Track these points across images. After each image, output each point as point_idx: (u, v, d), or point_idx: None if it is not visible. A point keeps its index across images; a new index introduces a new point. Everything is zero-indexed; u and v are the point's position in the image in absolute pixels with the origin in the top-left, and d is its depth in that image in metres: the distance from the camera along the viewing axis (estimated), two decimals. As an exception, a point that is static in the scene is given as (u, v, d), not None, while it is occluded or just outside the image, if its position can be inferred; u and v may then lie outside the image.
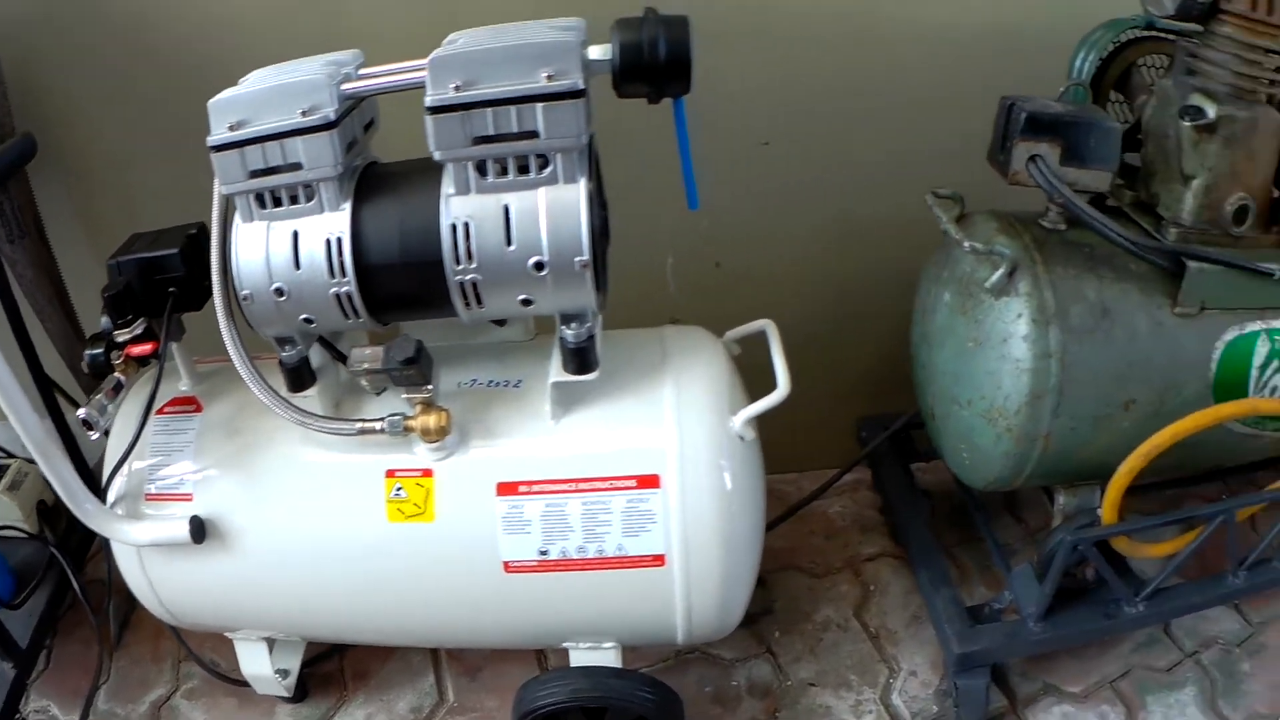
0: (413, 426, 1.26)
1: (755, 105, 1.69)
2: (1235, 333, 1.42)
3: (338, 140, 1.14)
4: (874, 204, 1.79)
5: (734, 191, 1.74)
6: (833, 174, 1.78)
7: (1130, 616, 1.51)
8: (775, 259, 1.85)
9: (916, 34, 1.69)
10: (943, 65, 1.70)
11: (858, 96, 1.71)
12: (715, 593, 1.31)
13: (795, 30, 1.64)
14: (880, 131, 1.74)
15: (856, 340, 1.94)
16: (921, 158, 1.73)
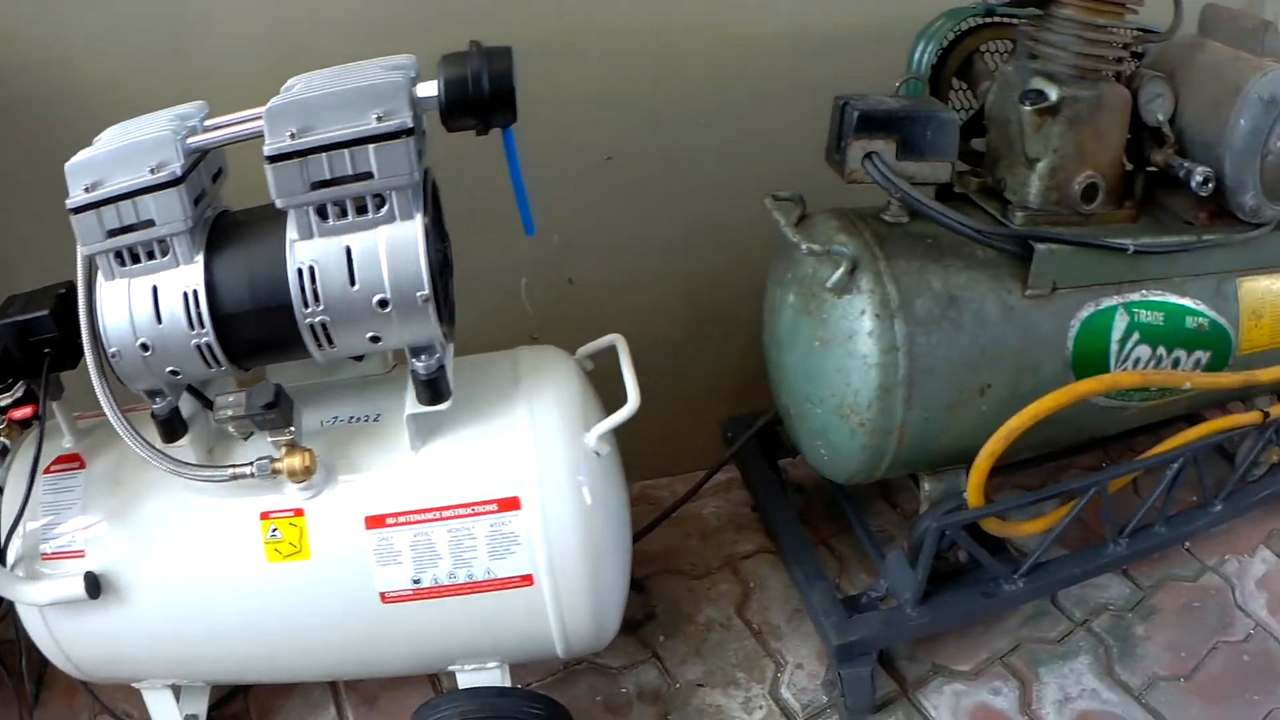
0: (280, 468, 1.31)
1: (597, 121, 1.75)
2: (1091, 309, 1.51)
3: (186, 195, 1.18)
4: (721, 209, 1.85)
5: (581, 208, 1.80)
6: (678, 183, 1.84)
7: (1010, 594, 1.59)
8: (628, 270, 1.90)
9: (754, 38, 1.76)
10: (782, 67, 1.77)
11: (699, 105, 1.78)
12: (586, 606, 1.37)
13: (632, 45, 1.70)
14: (722, 138, 1.81)
15: (716, 342, 2.01)
16: (766, 160, 1.79)
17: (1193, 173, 1.52)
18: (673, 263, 1.92)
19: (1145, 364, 1.59)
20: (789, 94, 1.76)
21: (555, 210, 1.66)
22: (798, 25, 1.78)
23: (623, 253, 1.88)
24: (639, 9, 1.70)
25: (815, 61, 1.78)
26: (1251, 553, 1.94)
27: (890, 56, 1.64)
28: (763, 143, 1.83)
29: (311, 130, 1.16)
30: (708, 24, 1.74)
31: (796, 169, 1.59)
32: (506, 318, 1.74)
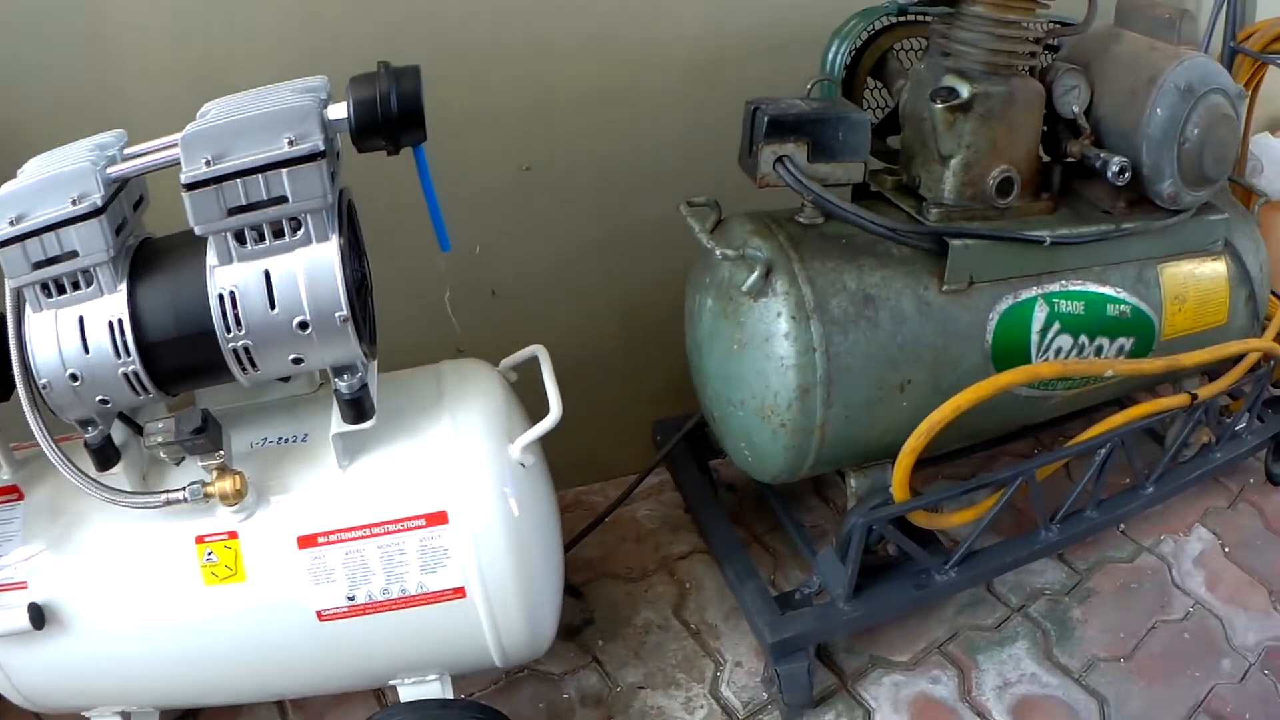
0: (212, 492, 1.32)
1: (514, 132, 1.77)
2: (1010, 302, 1.53)
3: (107, 225, 1.20)
4: (642, 215, 1.86)
5: (502, 218, 1.81)
6: (597, 191, 1.86)
7: (942, 584, 1.61)
8: (551, 279, 1.92)
9: (668, 43, 1.77)
10: (698, 71, 1.78)
11: (614, 112, 1.79)
12: (520, 614, 1.38)
13: (546, 55, 1.71)
14: (639, 144, 1.83)
15: (643, 347, 2.01)
16: (684, 165, 1.82)
17: (1109, 163, 1.55)
18: (596, 270, 1.94)
19: (1067, 353, 1.61)
20: (706, 98, 1.78)
21: (476, 221, 1.69)
22: (711, 29, 1.79)
23: (545, 262, 1.90)
24: (551, 20, 1.71)
25: (731, 65, 1.79)
26: (1187, 531, 1.98)
27: (807, 57, 1.66)
28: (681, 148, 1.84)
29: (226, 156, 1.17)
30: (620, 31, 1.75)
31: (716, 173, 1.60)
32: (432, 331, 1.73)
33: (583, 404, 1.41)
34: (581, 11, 1.73)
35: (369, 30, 1.63)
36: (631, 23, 1.75)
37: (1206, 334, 1.75)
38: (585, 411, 1.40)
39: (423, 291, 1.71)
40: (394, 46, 1.45)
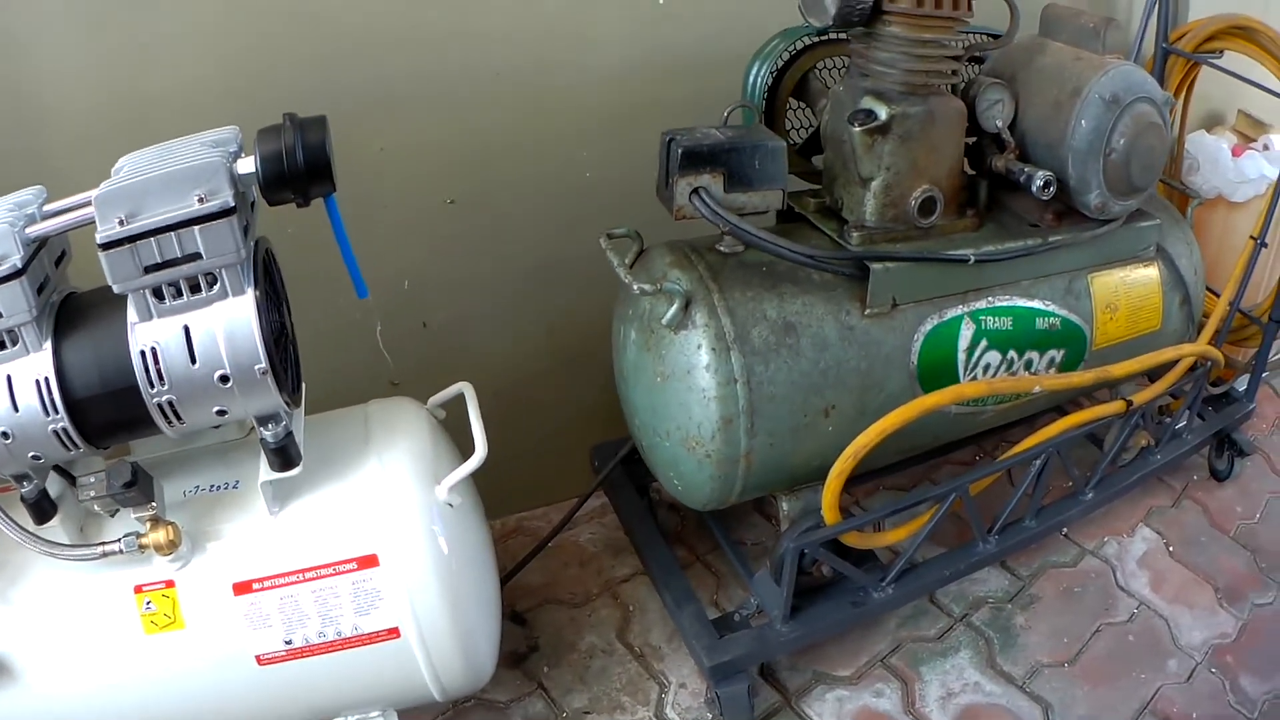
0: (146, 544, 1.32)
1: (436, 165, 1.77)
2: (935, 321, 1.54)
3: (28, 286, 1.20)
4: (568, 244, 1.86)
5: (427, 251, 1.82)
6: (523, 222, 1.86)
7: (880, 601, 1.63)
8: (481, 310, 1.92)
9: (588, 75, 1.77)
10: (617, 100, 1.79)
11: (537, 144, 1.79)
12: (455, 650, 1.39)
13: (468, 86, 1.71)
14: (563, 174, 1.83)
15: (580, 371, 2.01)
16: (607, 194, 1.82)
17: (1033, 177, 1.55)
18: (526, 299, 1.94)
19: (996, 369, 1.62)
20: (631, 126, 1.76)
21: (403, 255, 1.70)
22: (629, 56, 1.80)
23: (474, 293, 1.90)
24: (469, 54, 1.71)
25: (652, 92, 1.80)
26: (1131, 532, 2.00)
27: (727, 79, 1.66)
28: (607, 177, 1.85)
29: (139, 215, 1.18)
30: (541, 62, 1.76)
31: (642, 201, 1.58)
32: (366, 365, 1.74)
33: (521, 430, 1.43)
34: (504, 41, 1.73)
35: (289, 68, 1.62)
36: (555, 52, 1.76)
37: (1140, 340, 1.76)
38: (523, 437, 1.42)
39: (355, 327, 1.71)
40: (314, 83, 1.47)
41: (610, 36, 1.80)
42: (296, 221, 1.36)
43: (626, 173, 1.72)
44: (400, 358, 1.75)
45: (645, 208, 1.59)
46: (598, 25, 1.78)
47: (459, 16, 1.70)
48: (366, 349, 1.73)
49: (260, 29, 1.61)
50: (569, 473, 2.07)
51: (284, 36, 1.63)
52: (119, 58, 1.58)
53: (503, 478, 1.52)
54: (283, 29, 1.62)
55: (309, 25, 1.63)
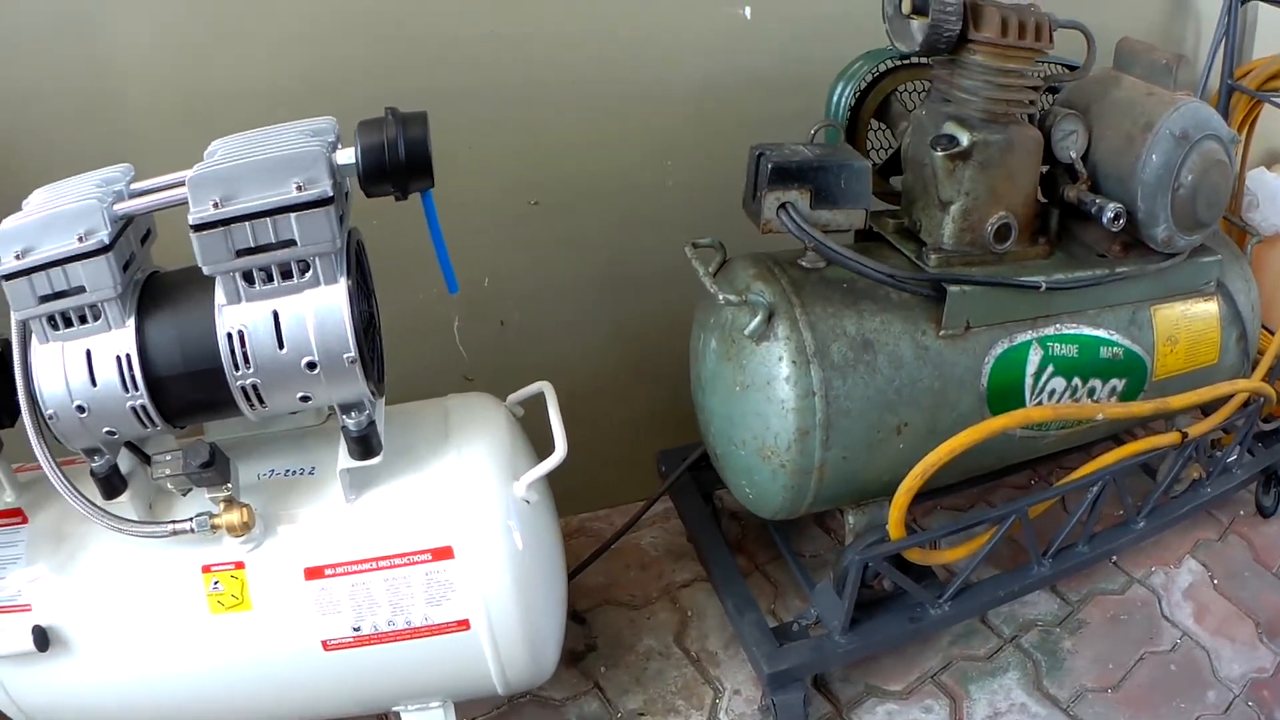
0: (219, 524, 1.34)
1: (522, 167, 1.80)
2: (1005, 345, 1.56)
3: (114, 262, 1.22)
4: (647, 250, 1.90)
5: (510, 251, 1.85)
6: (604, 226, 1.90)
7: (936, 618, 1.65)
8: (557, 311, 1.96)
9: (673, 84, 1.81)
10: (703, 111, 1.82)
11: (622, 150, 1.82)
12: (522, 646, 1.42)
13: (555, 93, 1.75)
14: (645, 181, 1.86)
15: (648, 377, 2.05)
16: (688, 202, 1.86)
17: (1105, 209, 1.56)
18: (602, 302, 1.97)
19: (1061, 395, 1.64)
20: (710, 138, 1.82)
21: (485, 253, 1.71)
22: (716, 69, 1.83)
23: (552, 294, 1.93)
24: (561, 58, 1.75)
25: (733, 105, 1.83)
26: (1178, 564, 2.01)
27: (809, 96, 1.69)
28: (685, 186, 1.88)
29: (234, 199, 1.19)
30: (627, 71, 1.79)
31: (719, 211, 1.64)
32: (440, 359, 1.78)
33: (588, 432, 1.45)
34: (592, 48, 1.76)
35: (374, 68, 1.65)
36: (640, 63, 1.79)
37: (1197, 373, 1.77)
38: (590, 440, 1.44)
39: (432, 321, 1.75)
40: (401, 83, 1.48)
41: (696, 48, 1.82)
42: (380, 214, 1.38)
43: (706, 183, 1.77)
44: (475, 354, 1.78)
45: (722, 218, 1.63)
46: (685, 36, 1.81)
47: (549, 20, 1.73)
48: (441, 344, 1.76)
49: (347, 24, 1.63)
50: (632, 477, 2.10)
51: (369, 33, 1.65)
52: (200, 45, 1.60)
53: (567, 478, 1.52)
54: (368, 25, 1.64)
55: (395, 23, 1.65)
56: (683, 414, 1.82)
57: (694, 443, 1.93)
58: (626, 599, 1.99)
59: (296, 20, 1.62)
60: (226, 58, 1.61)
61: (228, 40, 1.61)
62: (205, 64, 1.61)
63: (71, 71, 1.58)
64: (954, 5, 1.48)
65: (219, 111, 1.59)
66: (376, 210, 1.36)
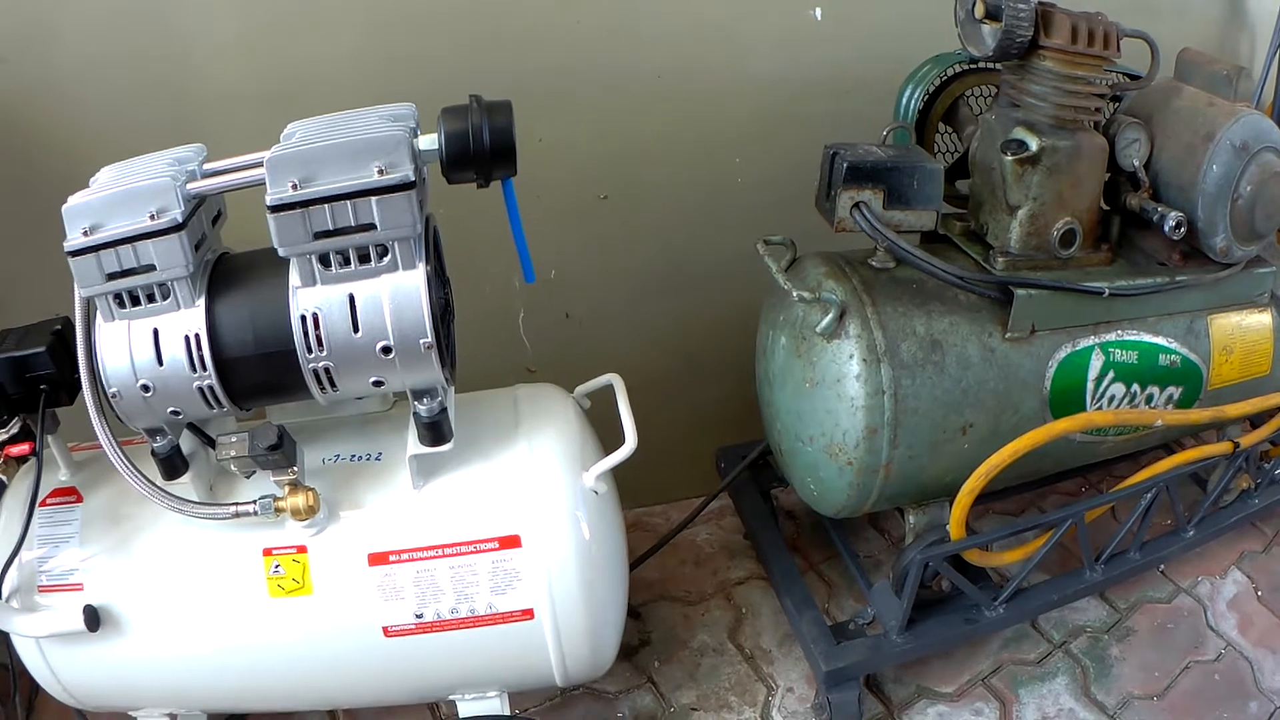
0: (283, 507, 1.34)
1: (593, 161, 1.81)
2: (1068, 350, 1.56)
3: (187, 241, 1.22)
4: (712, 246, 1.92)
5: (578, 244, 1.86)
6: (670, 221, 1.91)
7: (991, 620, 1.66)
8: (623, 304, 1.97)
9: (744, 80, 1.82)
10: (771, 109, 1.83)
11: (690, 145, 1.84)
12: (585, 637, 1.42)
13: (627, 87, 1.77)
14: (712, 177, 1.87)
15: (710, 373, 2.07)
16: (753, 199, 1.87)
17: (1166, 217, 1.56)
18: (666, 297, 1.98)
19: (1120, 401, 1.64)
20: (777, 135, 1.83)
21: (552, 245, 1.71)
22: (786, 69, 1.84)
23: (617, 288, 1.94)
24: (635, 52, 1.76)
25: (802, 105, 1.84)
26: (1223, 574, 2.00)
27: (877, 98, 1.70)
28: (751, 181, 1.89)
29: (313, 181, 1.19)
30: (699, 66, 1.80)
31: (784, 209, 1.65)
32: (503, 350, 1.80)
33: (646, 427, 1.44)
34: (664, 44, 1.77)
35: (447, 57, 1.66)
36: (712, 61, 1.80)
37: (1250, 384, 1.77)
38: (648, 435, 1.43)
39: (496, 311, 1.76)
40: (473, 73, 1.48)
41: (768, 47, 1.82)
42: (446, 204, 1.38)
43: (773, 182, 1.78)
44: (539, 346, 1.80)
45: (789, 217, 1.63)
46: (757, 35, 1.81)
47: (622, 15, 1.73)
48: (505, 334, 1.78)
49: (427, 11, 1.64)
50: (688, 473, 2.11)
51: (444, 22, 1.65)
52: (276, 28, 1.61)
53: (625, 472, 1.50)
54: (442, 14, 1.65)
55: (474, 13, 1.66)
56: (741, 412, 1.84)
57: (752, 440, 1.94)
58: (681, 594, 1.99)
59: (373, 5, 1.62)
60: (301, 42, 1.62)
61: (304, 24, 1.61)
62: (279, 47, 1.62)
63: (143, 51, 1.59)
64: (1027, 11, 1.48)
65: (291, 95, 1.60)
66: (442, 199, 1.36)
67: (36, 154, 1.64)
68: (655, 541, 1.97)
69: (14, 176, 1.65)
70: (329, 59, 1.63)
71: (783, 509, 2.08)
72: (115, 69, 1.60)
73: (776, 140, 1.84)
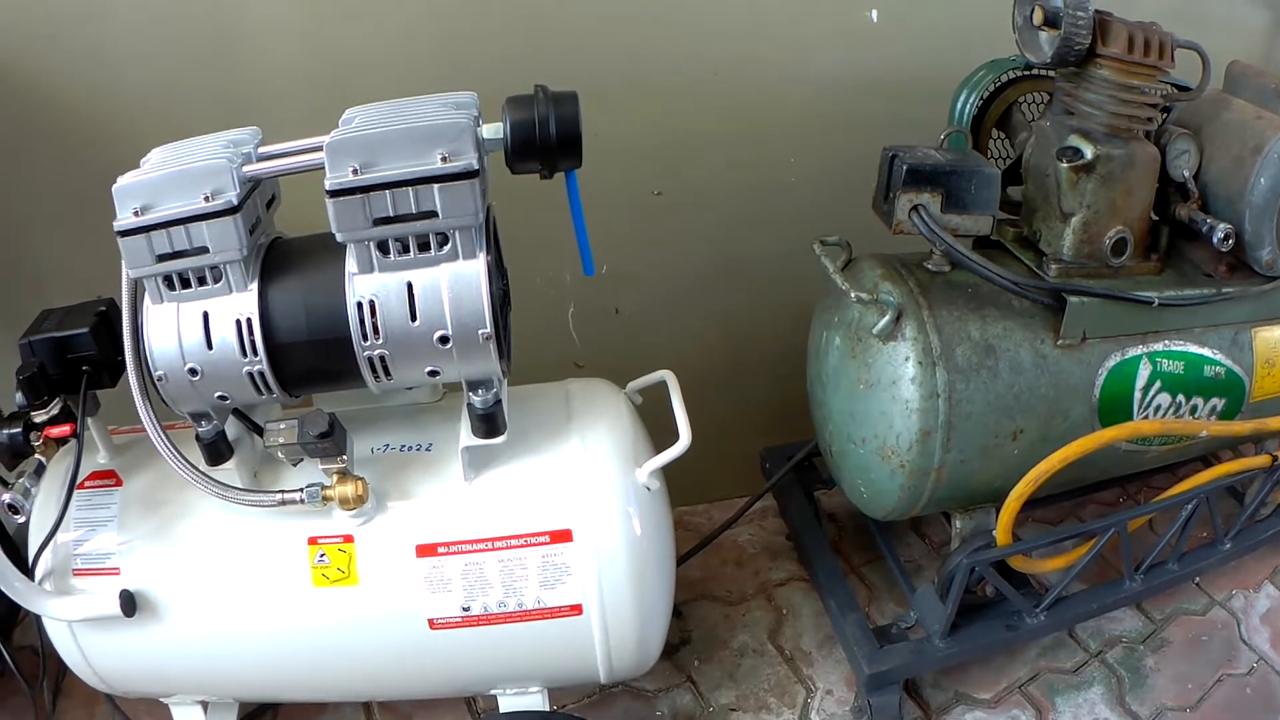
0: (331, 496, 1.33)
1: (648, 157, 1.81)
2: (1117, 358, 1.55)
3: (241, 224, 1.20)
4: (764, 246, 1.92)
5: (630, 240, 1.85)
6: (722, 219, 1.91)
7: (1031, 627, 1.67)
8: (672, 302, 1.97)
9: (798, 81, 1.82)
10: (824, 110, 1.83)
11: (746, 145, 1.83)
12: (632, 634, 1.42)
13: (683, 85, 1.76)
14: (766, 178, 1.87)
15: (756, 373, 2.07)
16: (807, 200, 1.87)
17: (1215, 229, 1.56)
18: (716, 295, 1.98)
19: (1165, 411, 1.64)
20: (831, 135, 1.83)
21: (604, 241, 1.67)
22: (841, 71, 1.84)
23: (666, 284, 1.94)
24: (691, 50, 1.76)
25: (856, 106, 1.84)
26: (1257, 588, 2.00)
27: (930, 102, 1.69)
28: (804, 181, 1.89)
29: (374, 167, 1.18)
30: (755, 66, 1.79)
31: (837, 210, 1.65)
32: (552, 344, 1.80)
33: (691, 425, 1.48)
34: (721, 41, 1.76)
35: (506, 48, 1.65)
36: (768, 60, 1.79)
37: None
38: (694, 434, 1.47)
39: (545, 304, 1.76)
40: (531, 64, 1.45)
41: (824, 47, 1.82)
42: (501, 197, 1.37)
43: (827, 182, 1.78)
44: (588, 341, 1.79)
45: (841, 218, 1.62)
46: (812, 34, 1.81)
47: (679, 11, 1.73)
48: (553, 329, 1.77)
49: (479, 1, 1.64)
50: (732, 473, 2.11)
51: (501, 14, 1.65)
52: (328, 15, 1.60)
53: (669, 470, 1.48)
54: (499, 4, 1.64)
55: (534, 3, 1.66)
56: (786, 413, 1.84)
57: (797, 442, 1.94)
58: (723, 594, 1.99)
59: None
60: (356, 29, 1.60)
61: (360, 10, 1.60)
62: (334, 33, 1.61)
63: (194, 32, 1.58)
64: (1085, 19, 1.47)
65: (343, 83, 1.58)
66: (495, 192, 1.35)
67: (81, 134, 1.63)
68: (697, 541, 1.97)
69: (57, 156, 1.64)
70: (384, 47, 1.62)
71: (824, 512, 2.07)
72: (166, 49, 1.59)
73: (830, 140, 1.84)
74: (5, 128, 1.63)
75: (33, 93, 1.60)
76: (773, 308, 1.94)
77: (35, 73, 1.59)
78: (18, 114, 1.62)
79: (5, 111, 1.62)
